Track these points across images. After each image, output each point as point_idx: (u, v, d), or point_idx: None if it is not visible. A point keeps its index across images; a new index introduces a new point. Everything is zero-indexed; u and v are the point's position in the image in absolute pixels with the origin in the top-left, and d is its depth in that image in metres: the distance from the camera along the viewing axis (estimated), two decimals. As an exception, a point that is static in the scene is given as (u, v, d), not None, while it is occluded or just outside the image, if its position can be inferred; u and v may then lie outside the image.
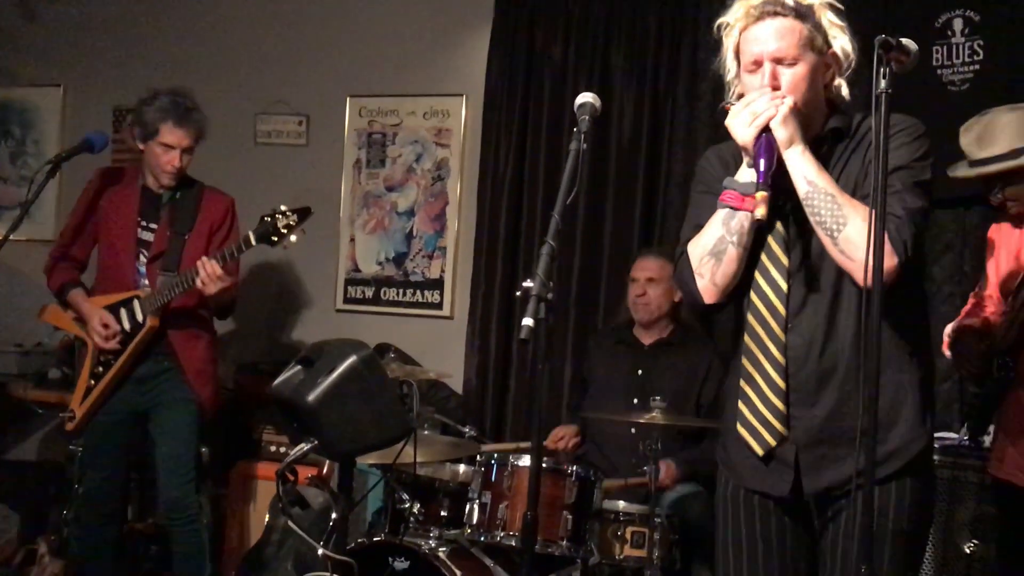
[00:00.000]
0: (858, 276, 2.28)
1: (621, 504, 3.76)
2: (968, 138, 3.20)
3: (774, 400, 2.42)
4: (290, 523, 3.06)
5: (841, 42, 2.43)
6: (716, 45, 2.51)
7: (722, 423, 2.64)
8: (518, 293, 2.29)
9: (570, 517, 3.54)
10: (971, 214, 4.15)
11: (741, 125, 2.37)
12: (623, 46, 4.87)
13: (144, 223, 4.19)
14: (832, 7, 2.44)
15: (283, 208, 3.96)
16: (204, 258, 3.98)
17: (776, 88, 2.38)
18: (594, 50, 4.92)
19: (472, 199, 5.20)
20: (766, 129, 2.35)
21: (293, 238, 3.98)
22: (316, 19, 5.58)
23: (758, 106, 2.36)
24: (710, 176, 2.57)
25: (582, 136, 2.44)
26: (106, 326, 4.09)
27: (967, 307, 3.50)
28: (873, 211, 2.13)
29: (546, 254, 2.29)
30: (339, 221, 5.47)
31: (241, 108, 5.62)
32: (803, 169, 2.35)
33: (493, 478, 3.62)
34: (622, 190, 4.87)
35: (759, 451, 2.45)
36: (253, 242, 3.97)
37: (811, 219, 2.36)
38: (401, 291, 5.38)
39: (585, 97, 2.53)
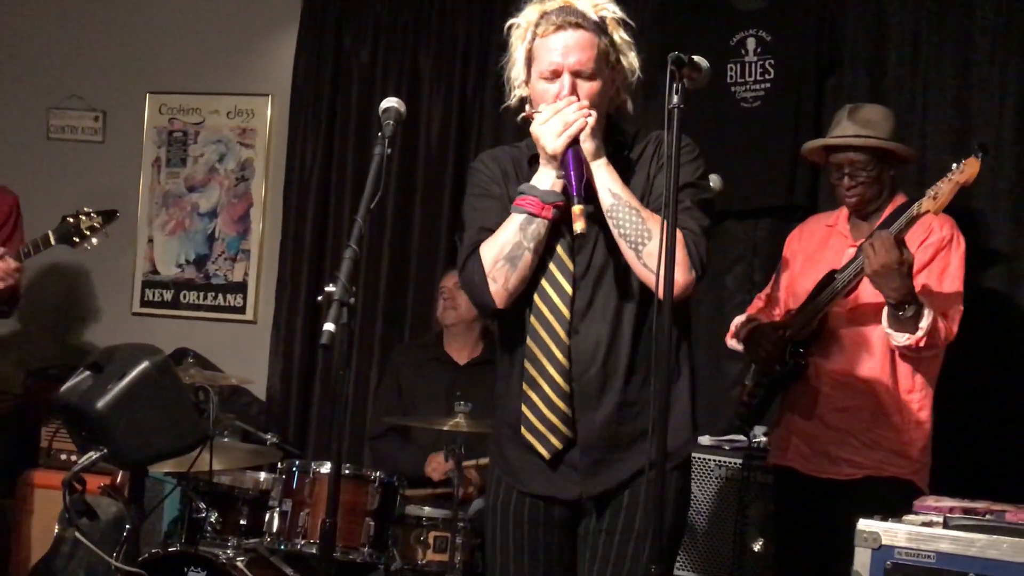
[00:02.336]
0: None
1: (425, 509, 3.76)
2: (852, 120, 3.36)
3: (559, 403, 2.44)
4: (77, 534, 2.95)
5: (629, 59, 2.48)
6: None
7: (494, 430, 2.64)
8: (319, 298, 2.25)
9: (372, 523, 3.54)
10: (761, 227, 4.33)
11: (551, 135, 2.37)
12: (431, 52, 4.88)
13: None
14: (624, 23, 2.48)
15: (87, 209, 3.82)
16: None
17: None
18: (403, 54, 4.91)
19: (278, 201, 5.11)
20: (575, 140, 2.37)
21: (95, 240, 3.85)
22: (114, 10, 5.39)
23: (568, 116, 2.37)
24: (487, 179, 2.57)
25: (386, 141, 2.42)
26: None
27: (753, 306, 3.66)
28: (665, 222, 2.18)
29: (348, 258, 2.26)
30: (137, 221, 5.28)
31: (32, 102, 5.38)
32: (607, 182, 2.40)
33: (294, 485, 3.59)
34: (430, 197, 4.87)
35: (545, 455, 2.46)
36: (53, 242, 3.84)
37: (614, 231, 2.39)
38: (202, 294, 5.25)
39: (389, 102, 2.51)
